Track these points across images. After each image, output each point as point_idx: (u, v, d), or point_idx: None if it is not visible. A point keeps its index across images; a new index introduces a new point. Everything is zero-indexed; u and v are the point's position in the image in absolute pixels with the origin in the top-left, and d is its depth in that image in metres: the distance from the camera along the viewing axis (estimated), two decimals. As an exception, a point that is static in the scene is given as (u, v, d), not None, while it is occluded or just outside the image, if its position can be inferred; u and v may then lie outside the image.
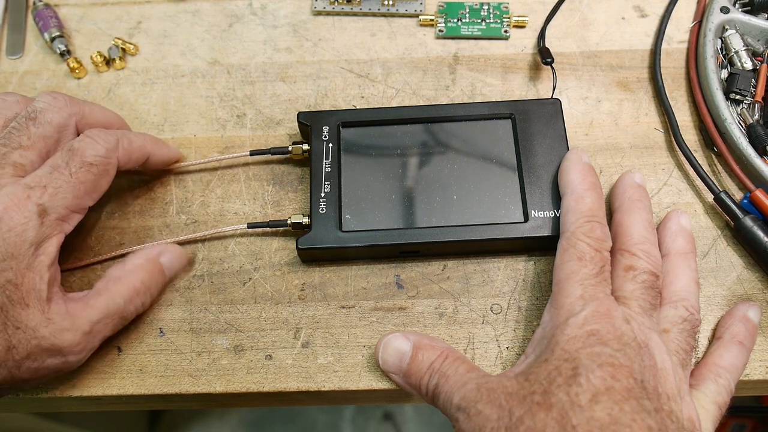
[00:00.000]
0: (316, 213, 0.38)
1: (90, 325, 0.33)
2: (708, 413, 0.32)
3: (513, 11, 0.47)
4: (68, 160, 0.34)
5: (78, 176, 0.33)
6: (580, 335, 0.31)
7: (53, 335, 0.32)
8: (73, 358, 0.33)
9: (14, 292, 0.31)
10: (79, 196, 0.34)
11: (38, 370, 0.32)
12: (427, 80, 0.45)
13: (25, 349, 0.31)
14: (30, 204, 0.32)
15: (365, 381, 0.36)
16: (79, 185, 0.33)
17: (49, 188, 0.32)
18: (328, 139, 0.40)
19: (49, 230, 0.32)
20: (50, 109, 0.35)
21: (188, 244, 0.40)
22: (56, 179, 0.33)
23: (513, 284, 0.38)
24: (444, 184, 0.39)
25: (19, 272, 0.31)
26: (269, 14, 0.48)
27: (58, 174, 0.33)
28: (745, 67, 0.42)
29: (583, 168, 0.37)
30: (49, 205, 0.32)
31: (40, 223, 0.32)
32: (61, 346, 0.32)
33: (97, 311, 0.33)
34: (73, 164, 0.33)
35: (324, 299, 0.38)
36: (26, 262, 0.31)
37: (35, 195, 0.32)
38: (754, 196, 0.38)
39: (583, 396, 0.28)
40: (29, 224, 0.31)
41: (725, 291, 0.38)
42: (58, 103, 0.35)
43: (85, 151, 0.34)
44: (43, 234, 0.32)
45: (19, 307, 0.31)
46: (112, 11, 0.48)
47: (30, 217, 0.31)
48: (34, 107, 0.35)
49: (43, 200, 0.32)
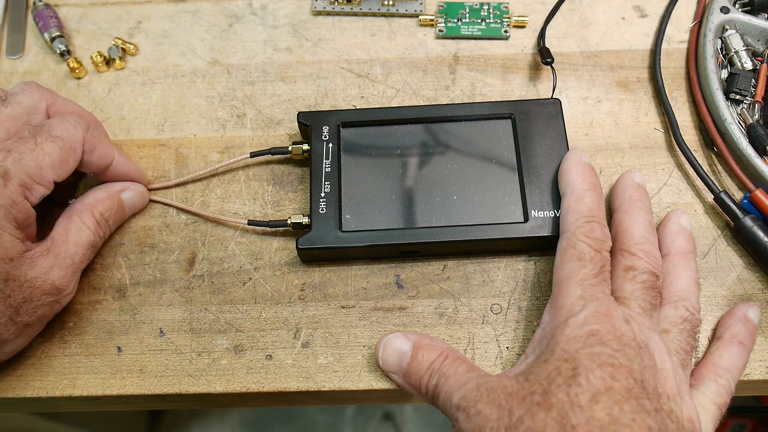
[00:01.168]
0: (316, 213, 0.38)
1: (71, 259, 0.35)
2: (708, 413, 0.32)
3: (513, 11, 0.47)
4: (35, 132, 0.35)
5: (43, 147, 0.34)
6: (580, 335, 0.31)
7: (43, 275, 0.34)
8: (66, 293, 0.35)
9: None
10: (43, 167, 0.34)
11: (36, 310, 0.34)
12: (427, 80, 0.45)
13: (20, 295, 0.33)
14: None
15: (365, 381, 0.36)
16: (44, 156, 0.34)
17: (14, 153, 0.33)
18: (328, 139, 0.40)
19: (14, 195, 0.33)
20: (21, 92, 0.36)
21: (188, 242, 0.40)
22: (20, 146, 0.34)
23: (513, 284, 0.38)
24: (444, 184, 0.39)
25: None
26: (269, 14, 0.48)
27: (23, 142, 0.34)
28: (745, 67, 0.42)
29: (583, 168, 0.37)
30: (12, 169, 0.33)
31: (3, 184, 0.32)
32: (53, 282, 0.34)
33: (72, 245, 0.36)
34: (39, 135, 0.34)
35: (324, 299, 0.38)
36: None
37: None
38: (754, 196, 0.38)
39: (583, 396, 0.28)
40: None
41: (725, 291, 0.38)
42: (29, 88, 0.37)
43: (53, 126, 0.35)
44: (7, 198, 0.32)
45: (3, 263, 0.32)
46: (112, 11, 0.48)
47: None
48: (6, 92, 0.36)
49: (6, 163, 0.33)
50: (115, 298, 0.39)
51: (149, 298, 0.39)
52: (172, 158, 0.43)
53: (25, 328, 0.34)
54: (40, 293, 0.34)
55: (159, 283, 0.39)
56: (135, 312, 0.38)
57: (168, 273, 0.39)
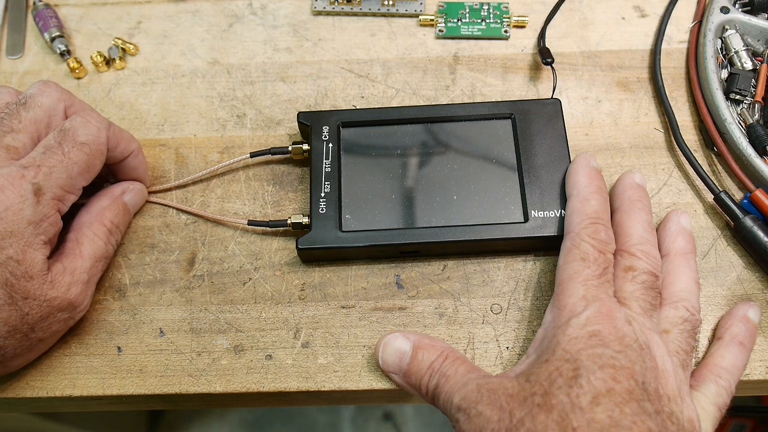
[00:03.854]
0: (316, 213, 0.38)
1: (87, 274, 0.35)
2: (708, 414, 0.32)
3: (513, 11, 0.47)
4: (61, 140, 0.34)
5: (71, 156, 0.34)
6: (582, 336, 0.31)
7: (62, 294, 0.34)
8: (81, 308, 0.35)
9: (17, 267, 0.32)
10: (73, 176, 0.34)
11: (51, 327, 0.34)
12: (427, 80, 0.45)
13: (38, 313, 0.33)
14: (25, 183, 0.32)
15: (365, 381, 0.36)
16: (73, 165, 0.34)
17: (43, 167, 0.33)
18: (328, 139, 0.40)
19: (46, 209, 0.33)
20: (40, 94, 0.36)
21: (188, 242, 0.40)
22: (49, 159, 0.33)
23: (513, 284, 0.38)
24: (444, 184, 0.39)
25: (20, 249, 0.32)
26: (269, 14, 0.48)
27: (51, 154, 0.34)
28: (745, 67, 0.42)
29: (591, 171, 0.37)
30: (44, 184, 0.33)
31: (37, 201, 0.32)
32: (70, 300, 0.34)
33: (87, 259, 0.35)
34: (65, 144, 0.34)
35: (324, 299, 0.38)
36: (26, 239, 0.32)
37: (29, 174, 0.32)
38: (754, 196, 0.38)
39: (584, 398, 0.28)
40: (26, 203, 0.32)
41: (725, 291, 0.38)
42: (48, 89, 0.36)
43: (77, 130, 0.35)
44: (40, 213, 0.33)
45: (24, 280, 0.32)
46: (112, 11, 0.48)
47: (26, 196, 0.32)
48: (24, 94, 0.36)
49: (38, 179, 0.33)
50: (115, 298, 0.39)
51: (149, 298, 0.39)
52: (172, 158, 0.43)
53: (38, 343, 0.34)
54: (57, 311, 0.34)
55: (159, 283, 0.39)
56: (135, 312, 0.38)
57: (168, 273, 0.39)
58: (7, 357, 0.33)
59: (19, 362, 0.35)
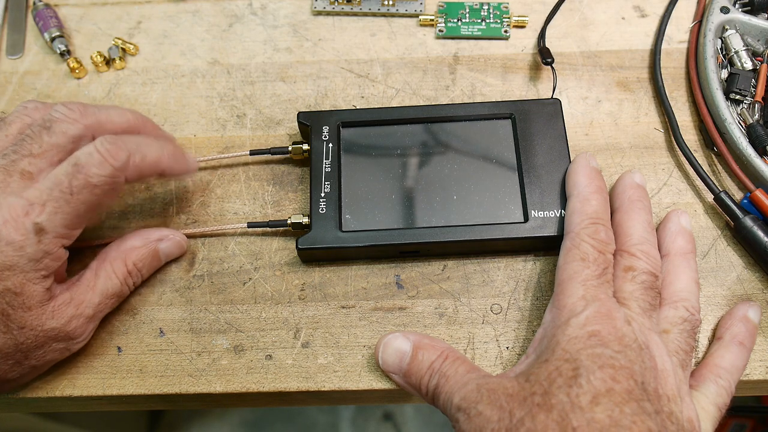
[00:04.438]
0: (316, 213, 0.38)
1: (93, 309, 0.34)
2: (708, 414, 0.32)
3: (513, 11, 0.47)
4: (71, 177, 0.32)
5: (79, 197, 0.32)
6: (581, 336, 0.31)
7: (61, 325, 0.33)
8: (79, 340, 0.34)
9: (14, 298, 0.31)
10: (80, 215, 0.32)
11: (45, 356, 0.34)
12: (427, 80, 0.45)
13: (33, 342, 0.32)
14: (27, 221, 0.31)
15: (365, 381, 0.36)
16: (80, 205, 0.32)
17: (48, 206, 0.31)
18: (328, 139, 0.40)
19: (48, 247, 0.32)
20: (65, 119, 0.33)
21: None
22: (57, 198, 0.31)
23: (513, 284, 0.38)
24: (444, 184, 0.39)
25: (18, 282, 0.31)
26: (269, 14, 0.48)
27: (59, 193, 0.31)
28: (745, 67, 0.42)
29: (591, 172, 0.37)
30: (47, 225, 0.31)
31: (38, 241, 0.31)
32: (68, 332, 0.33)
33: (98, 294, 0.35)
34: (75, 182, 0.32)
35: (324, 299, 0.38)
36: (25, 274, 0.31)
37: (34, 212, 0.31)
38: (754, 196, 0.38)
39: (584, 397, 0.28)
40: (26, 242, 0.31)
41: (725, 291, 0.38)
42: (74, 114, 0.34)
43: (90, 169, 0.32)
44: (41, 251, 0.31)
45: (21, 311, 0.31)
46: (112, 11, 0.48)
47: (27, 235, 0.31)
48: (50, 116, 0.34)
49: (41, 219, 0.31)
50: (115, 298, 0.39)
51: (149, 298, 0.39)
52: (172, 158, 0.43)
53: (31, 369, 0.34)
54: (53, 341, 0.33)
55: (159, 283, 0.39)
56: (135, 312, 0.38)
57: (168, 273, 0.39)
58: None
59: (10, 386, 0.35)
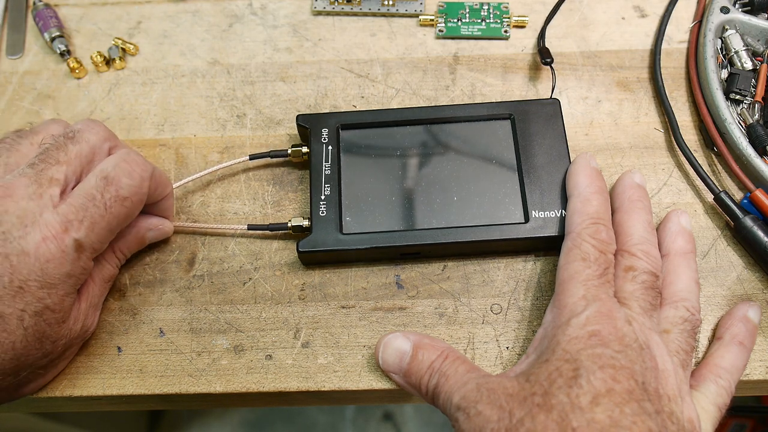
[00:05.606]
0: (317, 216, 0.38)
1: (98, 299, 0.37)
2: (708, 414, 0.32)
3: (513, 11, 0.47)
4: (103, 190, 0.33)
5: (112, 211, 0.33)
6: (582, 336, 0.31)
7: (83, 325, 0.35)
8: (91, 329, 0.36)
9: (51, 315, 0.32)
10: (113, 230, 0.34)
11: (70, 356, 0.36)
12: (427, 80, 0.45)
13: (62, 349, 0.34)
14: (68, 238, 0.32)
15: (365, 381, 0.36)
16: (113, 219, 0.34)
17: (85, 222, 0.32)
18: (328, 141, 0.40)
19: (85, 263, 0.33)
20: (88, 130, 0.35)
21: (188, 242, 0.40)
22: (92, 213, 0.33)
23: (513, 284, 0.38)
24: (444, 186, 0.39)
25: (58, 299, 0.32)
26: (269, 14, 0.48)
27: (94, 208, 0.33)
28: (745, 67, 0.42)
29: (591, 172, 0.37)
30: (86, 241, 0.32)
31: (77, 257, 0.32)
32: (87, 327, 0.36)
33: (99, 284, 0.36)
34: (107, 195, 0.33)
35: (324, 299, 0.38)
36: (65, 291, 0.32)
37: (72, 229, 0.32)
38: (754, 196, 0.38)
39: (584, 398, 0.28)
40: (67, 258, 0.32)
41: (725, 291, 0.38)
42: (96, 127, 0.36)
43: (120, 181, 0.34)
44: (79, 267, 0.33)
45: (56, 326, 0.33)
46: (112, 11, 0.48)
47: (68, 252, 0.32)
48: (72, 128, 0.36)
49: (80, 235, 0.32)
50: (115, 298, 0.39)
51: (149, 298, 0.39)
52: (172, 158, 0.43)
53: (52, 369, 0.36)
54: (77, 339, 0.35)
55: (159, 283, 0.39)
56: (135, 312, 0.38)
57: (168, 273, 0.39)
58: (21, 385, 0.34)
59: (31, 388, 0.36)
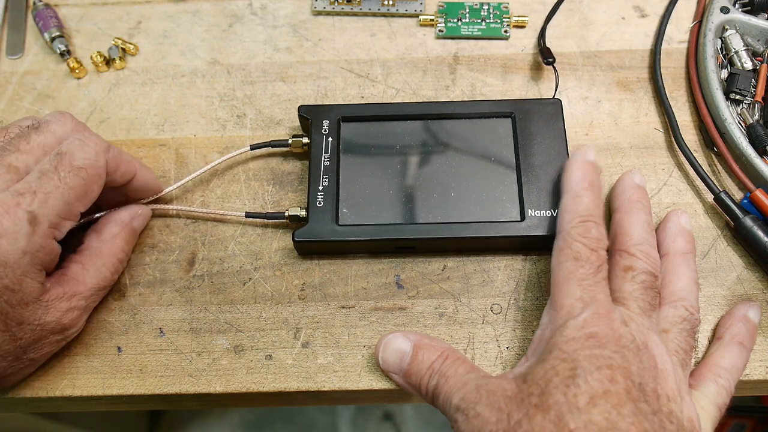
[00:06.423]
0: (314, 206, 0.38)
1: (86, 302, 0.35)
2: (707, 414, 0.32)
3: (513, 11, 0.47)
4: (57, 164, 0.33)
5: (67, 181, 0.33)
6: (579, 337, 0.31)
7: (56, 318, 0.34)
8: (73, 330, 0.35)
9: (12, 296, 0.31)
10: (70, 202, 0.33)
11: (43, 348, 0.34)
12: (427, 80, 0.45)
13: (31, 337, 0.33)
14: (20, 211, 0.31)
15: (365, 381, 0.36)
16: (69, 191, 0.33)
17: (39, 194, 0.32)
18: (328, 133, 0.40)
19: (42, 240, 0.32)
20: (54, 121, 0.35)
21: (188, 242, 0.40)
22: (45, 184, 0.32)
23: (513, 284, 0.38)
24: (442, 181, 0.39)
25: (16, 279, 0.31)
26: (269, 14, 0.48)
27: (47, 179, 0.32)
28: (745, 67, 0.42)
29: (585, 167, 0.36)
30: (40, 212, 0.31)
31: (32, 231, 0.31)
32: (64, 324, 0.34)
33: (90, 288, 0.35)
34: (62, 168, 0.33)
35: (324, 299, 0.38)
36: (21, 269, 0.31)
37: (25, 202, 0.31)
38: (754, 196, 0.38)
39: (582, 398, 0.28)
40: (20, 232, 0.31)
41: (725, 291, 0.38)
42: (63, 118, 0.35)
43: (74, 154, 0.33)
44: (36, 243, 0.31)
45: (19, 308, 0.32)
46: (112, 11, 0.48)
47: (20, 225, 0.31)
48: (39, 119, 0.35)
49: (33, 207, 0.31)
50: (115, 298, 0.39)
51: (149, 298, 0.39)
52: (172, 158, 0.43)
53: (30, 362, 0.34)
54: (50, 333, 0.34)
55: (159, 283, 0.39)
56: (135, 312, 0.38)
57: (168, 273, 0.39)
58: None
59: (11, 380, 0.35)
